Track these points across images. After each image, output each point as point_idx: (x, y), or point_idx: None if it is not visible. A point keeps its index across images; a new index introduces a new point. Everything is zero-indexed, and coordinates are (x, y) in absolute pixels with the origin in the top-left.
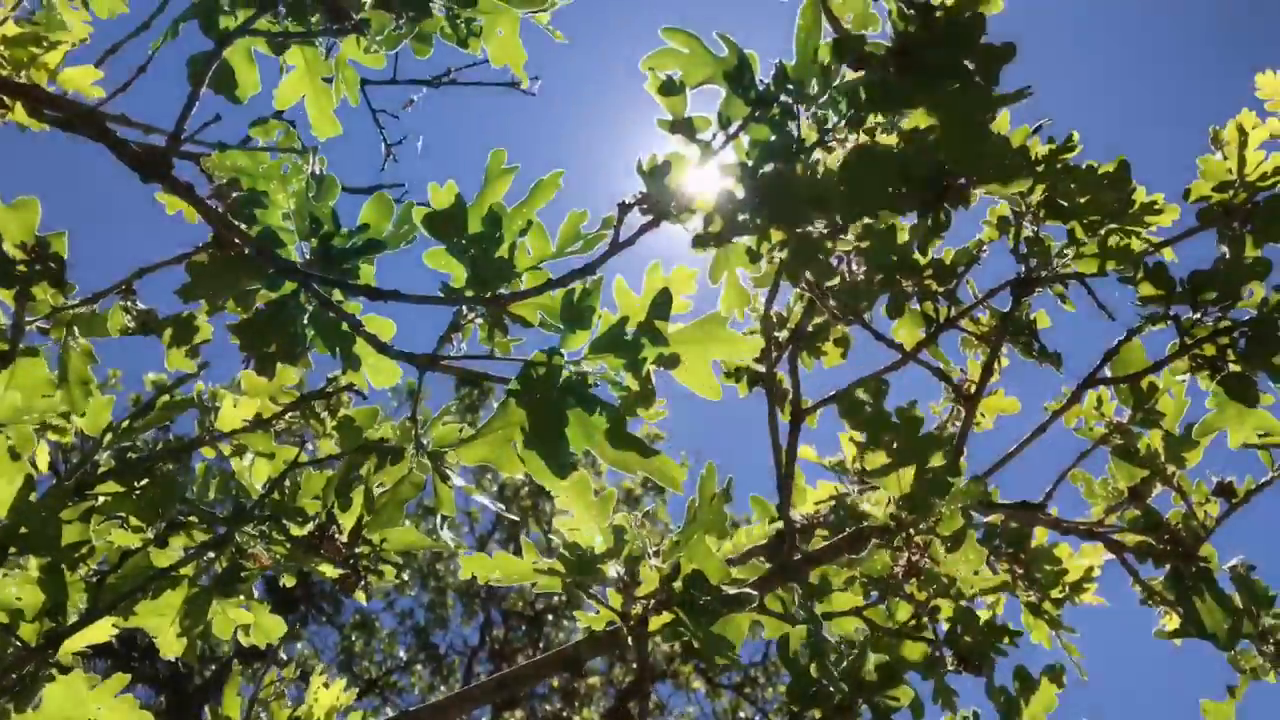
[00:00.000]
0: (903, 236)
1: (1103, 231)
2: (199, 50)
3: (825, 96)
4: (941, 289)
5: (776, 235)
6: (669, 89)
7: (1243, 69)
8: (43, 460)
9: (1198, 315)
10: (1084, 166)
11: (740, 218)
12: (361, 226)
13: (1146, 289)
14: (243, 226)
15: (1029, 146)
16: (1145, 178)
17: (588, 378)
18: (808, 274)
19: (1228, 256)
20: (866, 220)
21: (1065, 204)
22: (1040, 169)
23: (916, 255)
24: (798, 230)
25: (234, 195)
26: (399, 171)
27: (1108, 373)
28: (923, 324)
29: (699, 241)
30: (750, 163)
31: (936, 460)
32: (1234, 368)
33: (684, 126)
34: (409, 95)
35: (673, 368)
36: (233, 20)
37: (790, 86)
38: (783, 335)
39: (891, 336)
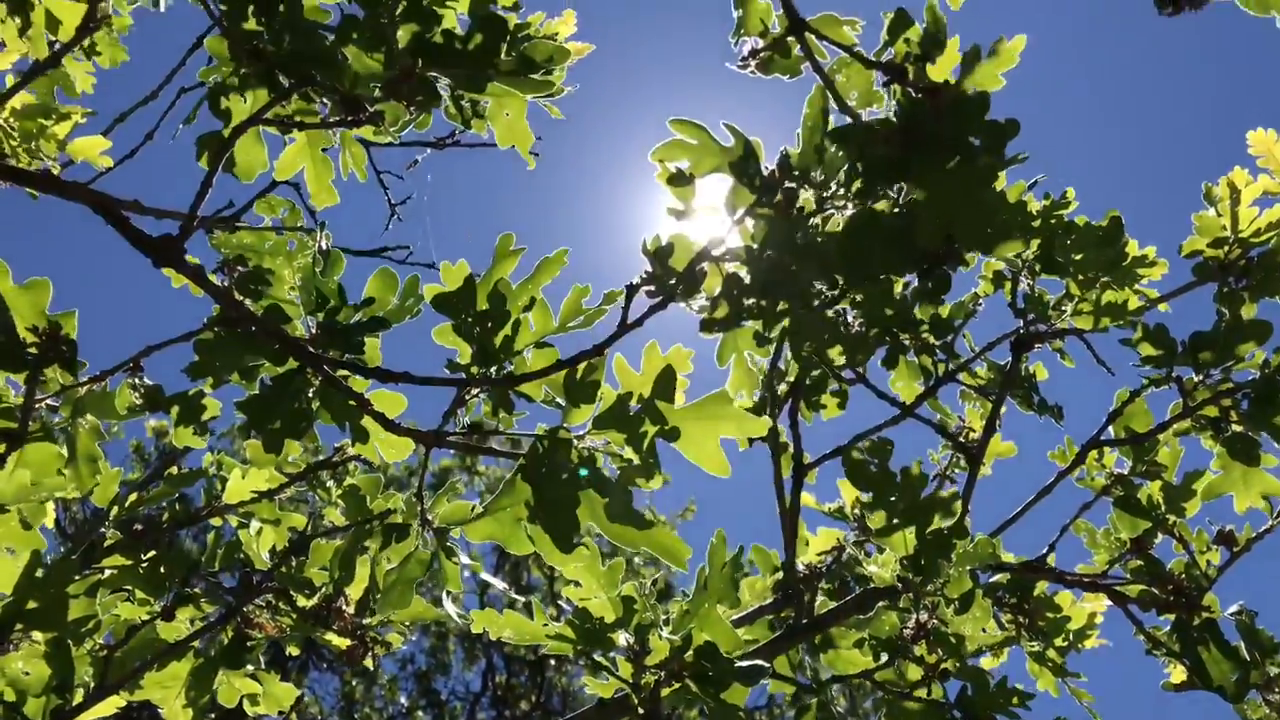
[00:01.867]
0: (898, 287)
1: (1098, 286)
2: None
3: (828, 179)
4: (938, 343)
5: (780, 306)
6: (678, 180)
7: (1234, 126)
8: (48, 520)
9: (1200, 378)
10: (1078, 222)
11: (747, 302)
12: (367, 300)
13: (1147, 349)
14: (249, 303)
15: (1025, 201)
16: (1137, 231)
17: (594, 455)
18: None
19: (1227, 317)
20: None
21: (1060, 260)
22: (1036, 224)
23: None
24: (800, 303)
25: (240, 271)
26: (402, 230)
27: (1110, 432)
28: (920, 376)
29: (706, 326)
30: (755, 247)
31: (941, 520)
32: (1237, 429)
33: (692, 215)
34: (412, 155)
35: (675, 440)
36: (242, 104)
37: (795, 173)
38: (782, 389)
39: (889, 388)
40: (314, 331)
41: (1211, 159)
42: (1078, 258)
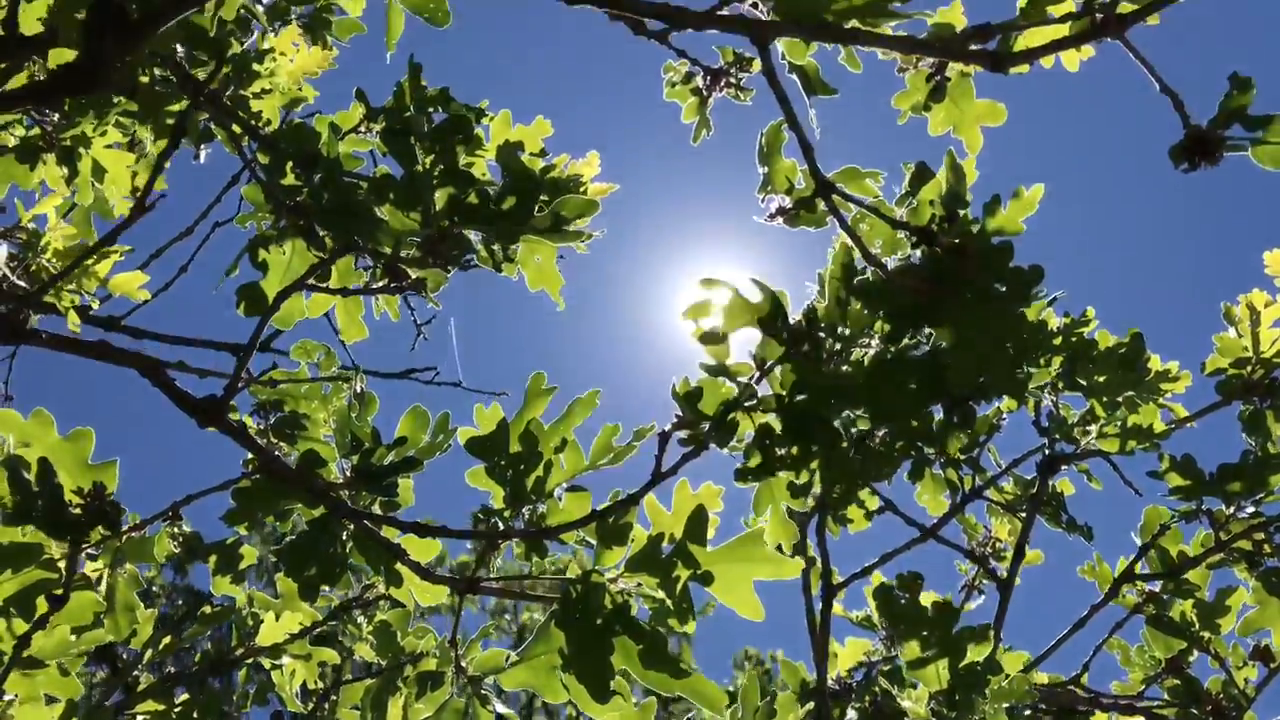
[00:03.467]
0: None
1: (1121, 404)
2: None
3: (855, 332)
4: (964, 457)
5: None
6: (711, 338)
7: (1251, 244)
8: None
9: (1230, 510)
10: (1099, 339)
11: (779, 452)
12: (399, 440)
13: (1174, 480)
14: (284, 447)
15: (1045, 321)
16: (1157, 338)
17: (628, 600)
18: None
19: (1254, 449)
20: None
21: (1083, 381)
22: (1057, 341)
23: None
24: (830, 447)
25: (276, 416)
26: (428, 350)
27: (1142, 559)
28: (945, 489)
29: (740, 476)
30: (785, 394)
31: (975, 654)
32: (1272, 562)
33: (724, 371)
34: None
35: (708, 585)
36: (282, 256)
37: (821, 326)
38: (809, 504)
39: (915, 500)
40: (348, 475)
41: (1228, 271)
42: (1100, 380)
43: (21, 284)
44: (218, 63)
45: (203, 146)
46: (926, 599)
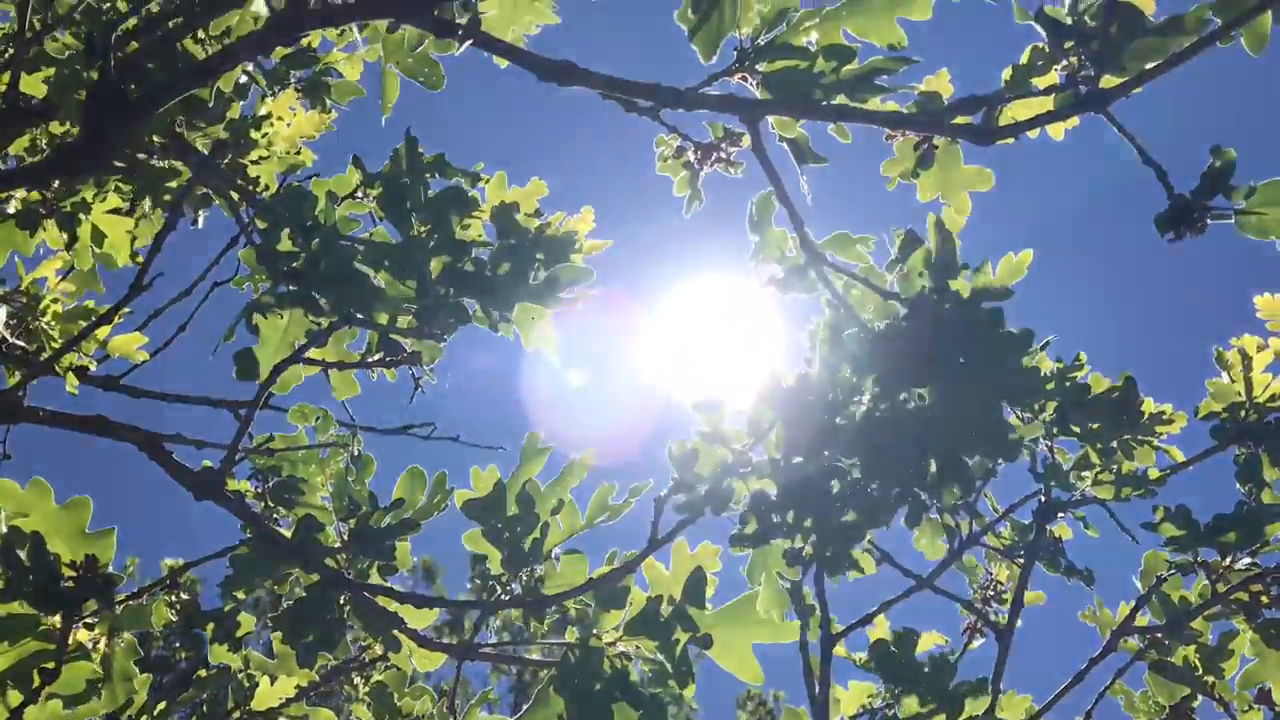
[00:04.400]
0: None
1: (1116, 449)
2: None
3: (846, 396)
4: (960, 501)
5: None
6: (706, 406)
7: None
8: None
9: (1227, 561)
10: (1092, 384)
11: (774, 519)
12: (397, 502)
13: (1169, 530)
14: (282, 510)
15: (1038, 368)
16: (1150, 385)
17: (627, 665)
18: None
19: (1250, 499)
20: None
21: (1077, 428)
22: (1050, 386)
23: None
24: (826, 512)
25: (274, 481)
26: (423, 404)
27: (1138, 608)
28: (943, 534)
29: (736, 542)
30: (780, 459)
31: (974, 708)
32: (1269, 612)
33: (720, 437)
34: None
35: (707, 648)
36: (279, 322)
37: (813, 393)
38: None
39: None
40: (346, 538)
41: (1221, 312)
42: (1094, 427)
43: (20, 344)
44: (216, 142)
45: (201, 211)
46: (927, 641)
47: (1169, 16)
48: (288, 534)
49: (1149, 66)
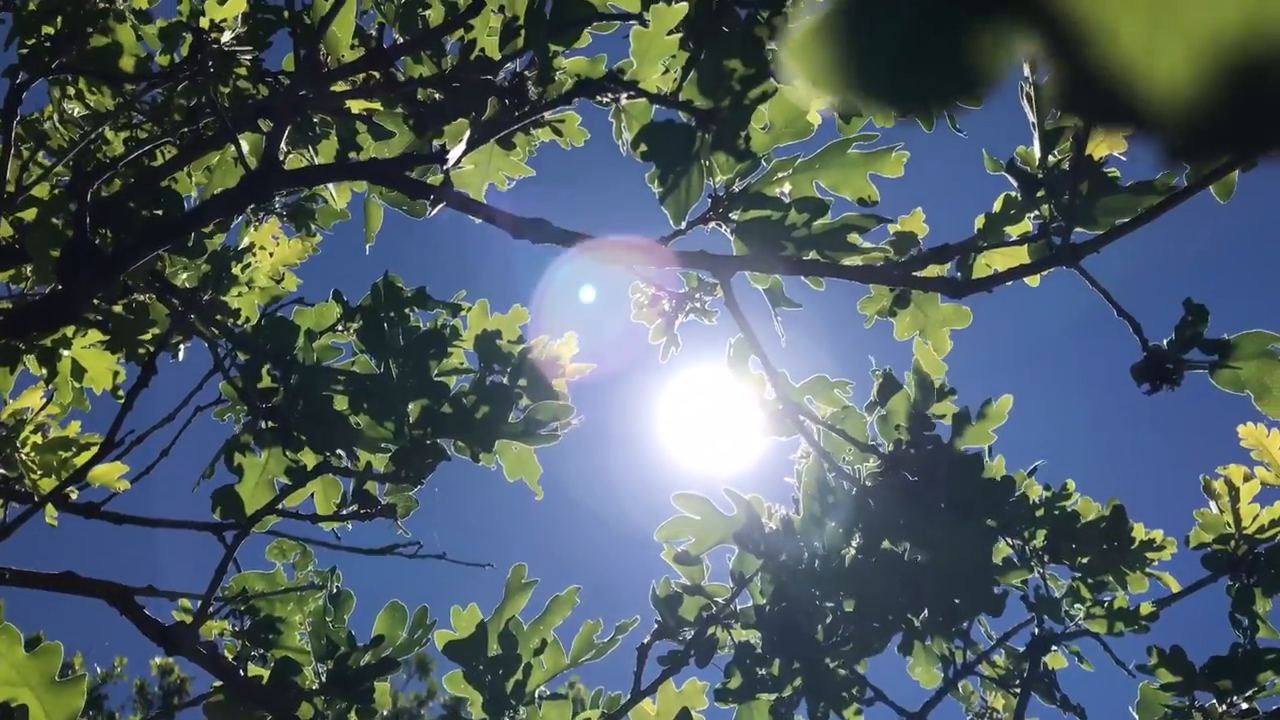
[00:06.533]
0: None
1: (1109, 579)
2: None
3: (831, 545)
4: (954, 629)
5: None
6: (685, 559)
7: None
8: None
9: (1224, 708)
10: (1080, 509)
11: (760, 672)
12: (376, 639)
13: (1165, 676)
14: (259, 652)
15: (1026, 495)
16: (1138, 511)
17: None
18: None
19: (1243, 641)
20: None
21: (1067, 559)
22: (1039, 514)
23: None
24: (813, 662)
25: (250, 621)
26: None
27: None
28: (938, 661)
29: (721, 697)
30: (765, 604)
31: None
32: None
33: (700, 591)
34: None
35: None
36: (258, 460)
37: (798, 538)
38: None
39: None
40: (323, 680)
41: (1210, 438)
42: (1084, 561)
43: (1, 471)
44: (197, 287)
45: (182, 346)
46: None
47: (1135, 182)
48: (265, 673)
49: (1119, 223)
